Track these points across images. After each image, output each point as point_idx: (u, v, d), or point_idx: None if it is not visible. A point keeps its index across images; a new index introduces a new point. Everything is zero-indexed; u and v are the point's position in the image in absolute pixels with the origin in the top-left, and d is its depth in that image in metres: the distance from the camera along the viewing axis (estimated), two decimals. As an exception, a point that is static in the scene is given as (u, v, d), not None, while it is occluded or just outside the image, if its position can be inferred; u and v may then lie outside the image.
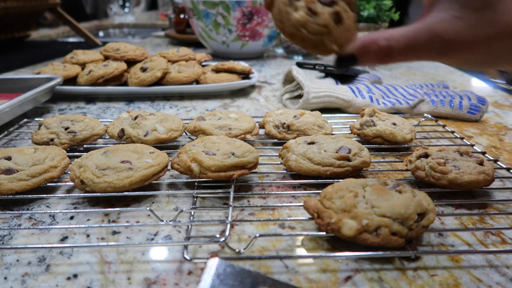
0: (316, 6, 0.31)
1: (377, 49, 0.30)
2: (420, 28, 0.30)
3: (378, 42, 0.30)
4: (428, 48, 0.29)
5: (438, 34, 0.29)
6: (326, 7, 0.32)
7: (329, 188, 0.37)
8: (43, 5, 1.41)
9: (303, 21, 0.31)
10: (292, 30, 0.31)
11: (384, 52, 0.30)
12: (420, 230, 0.34)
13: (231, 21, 1.12)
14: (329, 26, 0.31)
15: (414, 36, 0.30)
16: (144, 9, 3.34)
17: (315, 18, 0.31)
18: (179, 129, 0.55)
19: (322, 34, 0.31)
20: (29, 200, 0.43)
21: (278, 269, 0.33)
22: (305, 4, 0.31)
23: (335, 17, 0.32)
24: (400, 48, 0.30)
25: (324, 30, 0.31)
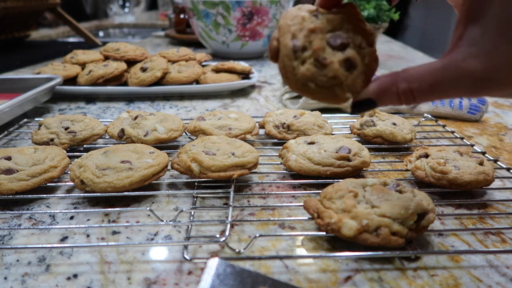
0: (325, 54, 0.28)
1: (397, 93, 0.27)
2: (445, 66, 0.26)
3: (398, 84, 0.27)
4: (455, 88, 0.26)
5: (469, 73, 0.25)
6: (337, 53, 0.28)
7: (329, 188, 0.37)
8: (43, 5, 1.41)
9: (310, 75, 0.28)
10: (298, 85, 0.28)
11: (405, 95, 0.27)
12: (420, 230, 0.34)
13: (231, 21, 1.12)
14: (339, 77, 0.28)
15: (438, 76, 0.26)
16: (144, 9, 3.34)
17: (324, 70, 0.28)
18: (179, 129, 0.55)
19: (333, 86, 0.28)
20: (29, 200, 0.43)
21: (278, 269, 0.33)
22: (312, 54, 0.28)
23: (347, 64, 0.28)
24: (423, 89, 0.27)
25: (334, 82, 0.28)
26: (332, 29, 0.29)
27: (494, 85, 0.26)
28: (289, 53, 0.28)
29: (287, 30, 0.28)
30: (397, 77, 0.28)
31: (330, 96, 0.28)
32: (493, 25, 0.25)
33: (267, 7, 1.12)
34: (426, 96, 0.27)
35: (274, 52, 0.29)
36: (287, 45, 0.28)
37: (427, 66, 0.27)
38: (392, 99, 0.28)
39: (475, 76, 0.25)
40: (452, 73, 0.26)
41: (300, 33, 0.28)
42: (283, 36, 0.28)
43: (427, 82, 0.27)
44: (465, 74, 0.26)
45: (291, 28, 0.28)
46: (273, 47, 0.29)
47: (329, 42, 0.28)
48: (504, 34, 0.25)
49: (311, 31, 0.28)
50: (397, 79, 0.28)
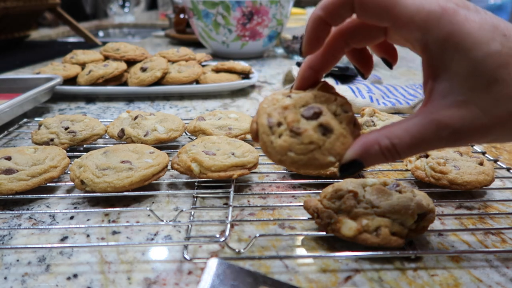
0: (299, 125, 0.29)
1: (380, 150, 0.27)
2: (424, 120, 0.26)
3: (380, 142, 0.27)
4: (437, 141, 0.26)
5: (446, 124, 0.25)
6: (311, 121, 0.29)
7: (329, 188, 0.37)
8: (43, 5, 1.41)
9: (287, 146, 0.28)
10: (279, 157, 0.29)
11: (389, 152, 0.27)
12: (420, 230, 0.34)
13: (231, 21, 1.12)
14: (316, 141, 0.28)
15: (418, 130, 0.26)
16: (144, 9, 3.34)
17: (299, 138, 0.28)
18: (179, 129, 0.55)
19: (311, 151, 0.28)
20: (29, 200, 0.43)
21: (278, 269, 0.33)
22: (287, 127, 0.29)
23: (322, 129, 0.29)
24: (405, 145, 0.27)
25: (311, 147, 0.28)
26: (305, 104, 0.30)
27: (473, 133, 0.26)
28: (266, 130, 0.29)
29: (263, 112, 0.30)
30: (378, 135, 0.28)
31: (312, 162, 0.29)
32: (459, 79, 0.25)
33: (267, 7, 1.12)
34: (410, 150, 0.27)
35: (254, 133, 0.30)
36: (263, 123, 0.30)
37: (406, 121, 0.27)
38: (377, 157, 0.28)
39: (453, 127, 0.25)
40: (430, 126, 0.26)
41: (275, 111, 0.30)
42: (259, 118, 0.30)
43: (407, 136, 0.26)
44: (443, 125, 0.26)
45: (266, 109, 0.30)
46: (253, 129, 0.30)
47: (303, 115, 0.30)
48: (472, 87, 0.25)
49: (284, 108, 0.30)
50: (378, 137, 0.27)
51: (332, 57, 0.32)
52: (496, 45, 0.24)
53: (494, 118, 0.25)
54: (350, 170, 0.29)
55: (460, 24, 0.25)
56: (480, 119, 0.25)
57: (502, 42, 0.24)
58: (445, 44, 0.25)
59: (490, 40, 0.24)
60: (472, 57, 0.25)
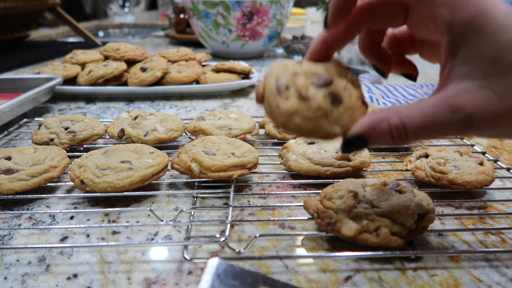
0: (308, 90, 0.28)
1: (388, 128, 0.26)
2: (438, 101, 0.26)
3: (389, 120, 0.26)
4: (449, 124, 0.25)
5: (461, 107, 0.25)
6: (321, 88, 0.28)
7: (329, 188, 0.37)
8: (43, 5, 1.41)
9: (294, 109, 0.27)
10: (284, 119, 0.28)
11: (397, 131, 0.26)
12: (420, 230, 0.34)
13: (231, 21, 1.12)
14: (324, 108, 0.27)
15: (431, 111, 0.25)
16: (144, 9, 3.34)
17: (308, 103, 0.27)
18: (179, 129, 0.55)
19: (318, 118, 0.27)
20: (29, 200, 0.43)
21: (278, 269, 0.33)
22: (295, 91, 0.28)
23: (332, 97, 0.28)
24: (415, 125, 0.26)
25: (319, 114, 0.27)
26: (315, 74, 0.29)
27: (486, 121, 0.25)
28: (273, 92, 0.28)
29: (271, 75, 0.29)
30: (388, 113, 0.27)
31: (317, 129, 0.28)
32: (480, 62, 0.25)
33: (267, 7, 1.12)
34: (420, 131, 0.26)
35: (260, 96, 0.29)
36: (271, 84, 0.28)
37: (419, 102, 0.26)
38: (384, 136, 0.26)
39: (467, 111, 0.25)
40: (444, 108, 0.25)
41: (284, 75, 0.29)
42: (267, 79, 0.29)
43: (419, 116, 0.26)
44: (457, 108, 0.25)
45: (275, 73, 0.29)
46: (259, 91, 0.30)
47: (313, 82, 0.28)
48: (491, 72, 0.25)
49: (294, 73, 0.29)
50: (389, 115, 0.26)
51: (347, 34, 0.31)
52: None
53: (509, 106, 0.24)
54: (354, 146, 0.27)
55: (488, 7, 0.25)
56: (494, 106, 0.24)
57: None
58: (471, 24, 0.25)
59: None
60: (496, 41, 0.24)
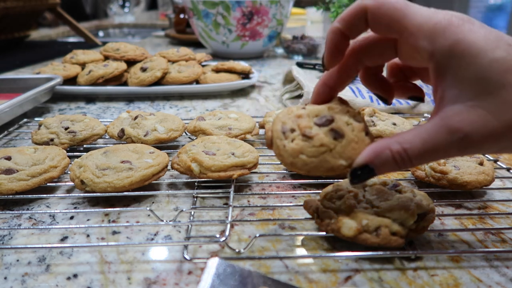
0: (311, 130, 0.30)
1: (391, 155, 0.27)
2: (435, 125, 0.27)
3: (391, 147, 0.27)
4: (448, 146, 0.26)
5: (457, 128, 0.26)
6: (323, 127, 0.30)
7: (329, 188, 0.37)
8: (43, 5, 1.41)
9: (298, 149, 0.29)
10: (291, 159, 0.30)
11: (400, 157, 0.27)
12: (420, 230, 0.34)
13: (231, 21, 1.12)
14: (327, 144, 0.29)
15: (429, 135, 0.27)
16: (144, 9, 3.34)
17: (311, 141, 0.30)
18: (179, 129, 0.55)
19: (322, 153, 0.29)
20: (29, 200, 0.43)
21: (278, 269, 0.33)
22: (299, 132, 0.30)
23: (334, 133, 0.30)
24: (416, 150, 0.27)
25: (322, 149, 0.29)
26: (318, 114, 0.32)
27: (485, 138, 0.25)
28: (279, 135, 0.31)
29: (278, 120, 0.32)
30: (389, 141, 0.28)
31: (323, 165, 0.29)
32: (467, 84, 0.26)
33: (267, 7, 1.12)
34: (422, 156, 0.27)
35: (269, 141, 0.32)
36: (277, 129, 0.31)
37: (418, 127, 0.28)
38: (388, 163, 0.28)
39: (464, 131, 0.25)
40: (441, 130, 0.26)
41: (289, 120, 0.31)
42: (274, 125, 0.32)
43: (419, 141, 0.27)
44: (454, 130, 0.26)
45: (282, 118, 0.32)
46: (268, 136, 0.32)
47: (316, 122, 0.31)
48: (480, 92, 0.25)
49: (298, 116, 0.31)
50: (389, 142, 0.28)
51: (346, 75, 0.33)
52: (501, 52, 0.25)
53: (505, 122, 0.25)
54: (361, 176, 0.29)
55: (465, 33, 0.26)
56: (491, 123, 0.25)
57: (507, 50, 0.25)
58: (451, 51, 0.26)
59: (495, 48, 0.25)
60: (478, 63, 0.25)
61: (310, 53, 1.25)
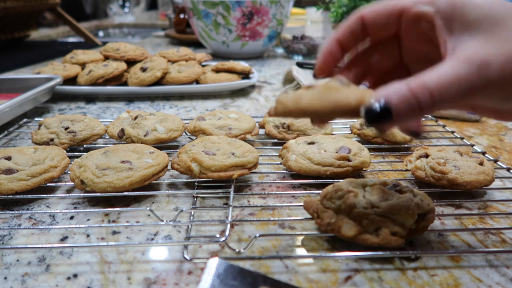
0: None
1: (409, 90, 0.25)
2: (450, 61, 0.26)
3: (409, 83, 0.25)
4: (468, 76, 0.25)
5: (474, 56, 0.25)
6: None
7: (329, 188, 0.37)
8: (43, 5, 1.41)
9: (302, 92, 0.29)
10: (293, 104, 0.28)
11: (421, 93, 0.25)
12: (420, 230, 0.34)
13: (231, 21, 1.12)
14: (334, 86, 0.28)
15: (446, 69, 0.25)
16: (144, 9, 3.34)
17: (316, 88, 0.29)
18: (179, 129, 0.55)
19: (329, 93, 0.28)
20: (29, 200, 0.43)
21: (278, 269, 0.33)
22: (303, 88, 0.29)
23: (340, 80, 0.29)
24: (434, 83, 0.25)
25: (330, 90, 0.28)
26: None
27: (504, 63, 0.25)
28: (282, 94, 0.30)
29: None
30: (405, 80, 0.26)
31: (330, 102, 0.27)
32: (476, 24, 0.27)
33: (267, 7, 1.12)
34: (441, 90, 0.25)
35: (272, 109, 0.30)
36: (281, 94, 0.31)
37: (432, 68, 0.26)
38: (407, 101, 0.25)
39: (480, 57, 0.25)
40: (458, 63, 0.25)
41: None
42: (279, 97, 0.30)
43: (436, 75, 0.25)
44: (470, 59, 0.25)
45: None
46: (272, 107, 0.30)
47: None
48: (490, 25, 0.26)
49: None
50: (406, 81, 0.25)
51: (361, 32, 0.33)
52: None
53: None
54: (378, 116, 0.25)
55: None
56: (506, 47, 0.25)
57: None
58: (452, 4, 0.28)
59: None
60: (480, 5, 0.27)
61: (310, 53, 1.25)
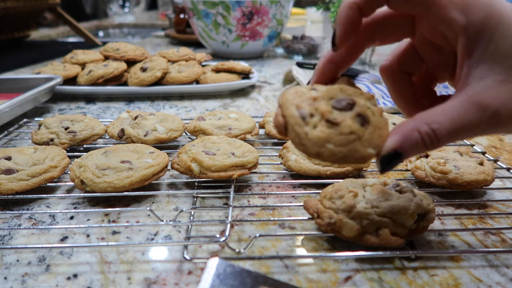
0: (334, 115, 0.27)
1: (420, 137, 0.26)
2: (463, 102, 0.25)
3: (419, 128, 0.26)
4: (478, 124, 0.25)
5: (487, 104, 0.25)
6: (347, 112, 0.27)
7: (329, 188, 0.37)
8: (43, 5, 1.41)
9: (325, 137, 0.26)
10: (316, 149, 0.26)
11: (429, 138, 0.26)
12: (420, 230, 0.34)
13: (231, 21, 1.12)
14: (356, 131, 0.26)
15: (458, 113, 0.25)
16: (144, 9, 3.34)
17: (337, 128, 0.26)
18: (179, 129, 0.55)
19: (352, 142, 0.26)
20: (29, 200, 0.43)
21: (278, 269, 0.33)
22: (321, 117, 0.27)
23: (361, 119, 0.27)
24: (445, 130, 0.25)
25: (352, 137, 0.26)
26: (333, 97, 0.28)
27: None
28: (299, 121, 0.27)
29: (290, 104, 0.28)
30: (415, 123, 0.26)
31: (352, 154, 0.26)
32: (498, 57, 0.25)
33: (267, 7, 1.12)
34: (450, 135, 0.26)
35: (282, 127, 0.28)
36: (293, 114, 0.27)
37: (443, 105, 0.26)
38: (418, 146, 0.26)
39: (495, 107, 0.25)
40: (470, 107, 0.25)
41: (304, 103, 0.28)
42: (287, 110, 0.28)
43: (447, 120, 0.25)
44: (484, 106, 0.25)
45: (293, 101, 0.28)
46: (280, 122, 0.28)
47: (335, 106, 0.28)
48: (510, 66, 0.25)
49: (313, 99, 0.28)
50: (416, 124, 0.26)
51: (354, 51, 0.32)
52: None
53: None
54: (391, 163, 0.27)
55: (497, 6, 0.25)
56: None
57: None
58: (484, 23, 0.25)
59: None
60: (509, 36, 0.25)
61: (310, 53, 1.25)
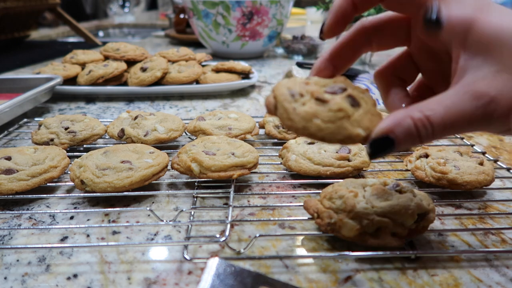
0: (324, 95, 0.27)
1: (413, 124, 0.25)
2: (458, 91, 0.25)
3: (412, 115, 0.25)
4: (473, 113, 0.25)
5: (483, 92, 0.24)
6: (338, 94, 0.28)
7: (329, 188, 0.37)
8: (43, 5, 1.41)
9: (313, 112, 0.26)
10: (303, 123, 0.26)
11: (423, 125, 0.25)
12: (420, 230, 0.34)
13: (231, 21, 1.12)
14: (345, 109, 0.26)
15: (453, 102, 0.25)
16: (144, 9, 3.34)
17: (326, 105, 0.26)
18: (179, 129, 0.55)
19: (340, 119, 0.26)
20: (29, 200, 0.43)
21: (278, 269, 0.33)
22: (311, 96, 0.27)
23: (351, 100, 0.27)
24: (439, 117, 0.25)
25: (340, 114, 0.26)
26: (326, 85, 0.29)
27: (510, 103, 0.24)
28: (288, 98, 0.27)
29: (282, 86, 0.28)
30: (408, 110, 0.26)
31: (340, 131, 0.26)
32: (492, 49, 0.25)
33: (267, 7, 1.12)
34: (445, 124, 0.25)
35: (272, 106, 0.28)
36: (283, 93, 0.27)
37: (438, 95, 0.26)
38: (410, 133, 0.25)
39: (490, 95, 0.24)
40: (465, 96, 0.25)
41: (295, 85, 0.28)
42: (278, 90, 0.28)
43: (441, 108, 0.25)
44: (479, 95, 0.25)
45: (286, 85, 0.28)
46: (269, 102, 0.28)
47: (326, 91, 0.28)
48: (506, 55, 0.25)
49: (306, 84, 0.28)
50: (410, 110, 0.26)
51: (351, 53, 0.32)
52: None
53: None
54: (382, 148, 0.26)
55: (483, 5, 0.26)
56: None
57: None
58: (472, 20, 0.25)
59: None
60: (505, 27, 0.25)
61: (310, 53, 1.25)
